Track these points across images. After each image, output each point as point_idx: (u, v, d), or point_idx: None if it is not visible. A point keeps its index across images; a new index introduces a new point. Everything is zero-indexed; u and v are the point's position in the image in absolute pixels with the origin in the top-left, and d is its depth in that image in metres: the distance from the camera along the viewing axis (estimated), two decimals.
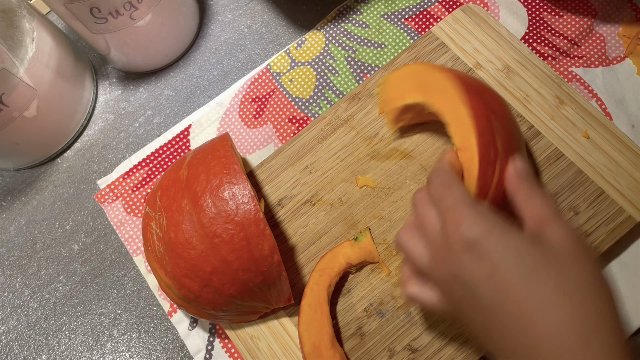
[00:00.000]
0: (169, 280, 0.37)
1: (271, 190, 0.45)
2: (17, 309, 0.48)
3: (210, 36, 0.56)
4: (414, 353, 0.39)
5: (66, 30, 0.58)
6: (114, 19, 0.45)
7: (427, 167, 0.44)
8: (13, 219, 0.51)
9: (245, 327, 0.42)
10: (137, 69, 0.55)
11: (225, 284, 0.36)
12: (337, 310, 0.41)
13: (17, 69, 0.44)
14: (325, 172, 0.45)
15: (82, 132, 0.54)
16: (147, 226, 0.39)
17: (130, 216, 0.48)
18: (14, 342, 0.47)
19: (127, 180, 0.50)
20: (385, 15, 0.53)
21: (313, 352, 0.38)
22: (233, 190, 0.36)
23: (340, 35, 0.53)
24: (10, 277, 0.49)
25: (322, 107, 0.50)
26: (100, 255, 0.49)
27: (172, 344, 0.45)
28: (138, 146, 0.52)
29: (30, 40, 0.46)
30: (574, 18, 0.50)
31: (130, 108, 0.54)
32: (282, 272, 0.37)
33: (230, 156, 0.38)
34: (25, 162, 0.52)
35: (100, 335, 0.46)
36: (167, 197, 0.38)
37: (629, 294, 0.41)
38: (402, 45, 0.52)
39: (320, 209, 0.44)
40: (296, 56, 0.52)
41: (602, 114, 0.44)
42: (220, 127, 0.51)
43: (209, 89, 0.54)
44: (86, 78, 0.54)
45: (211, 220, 0.35)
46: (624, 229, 0.40)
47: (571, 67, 0.48)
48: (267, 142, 0.50)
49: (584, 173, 0.42)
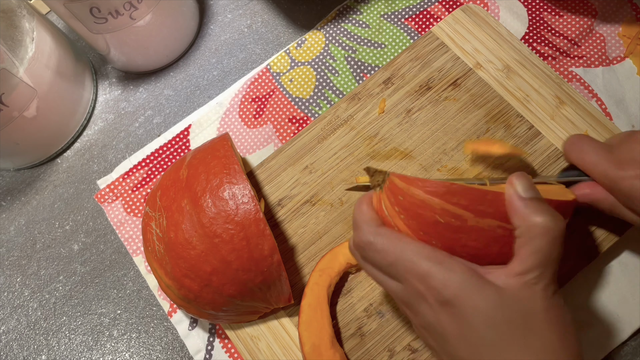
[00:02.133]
0: (169, 280, 0.37)
1: (271, 190, 0.45)
2: (17, 309, 0.48)
3: (210, 36, 0.56)
4: (414, 353, 0.39)
5: (66, 30, 0.58)
6: (113, 19, 0.45)
7: (427, 167, 0.44)
8: (13, 219, 0.51)
9: (245, 327, 0.42)
10: (137, 69, 0.55)
11: (225, 284, 0.36)
12: (337, 310, 0.41)
13: (17, 68, 0.44)
14: (325, 172, 0.45)
15: (82, 132, 0.54)
16: (147, 226, 0.39)
17: (130, 216, 0.48)
18: (13, 342, 0.47)
19: (127, 180, 0.50)
20: (385, 15, 0.53)
21: (313, 352, 0.38)
22: (233, 190, 0.36)
23: (340, 35, 0.53)
24: (10, 277, 0.49)
25: (322, 107, 0.50)
26: (100, 255, 0.49)
27: (172, 344, 0.45)
28: (138, 146, 0.52)
29: (30, 40, 0.46)
30: (574, 18, 0.50)
31: (130, 108, 0.54)
32: (282, 272, 0.37)
33: (230, 156, 0.38)
34: (25, 162, 0.52)
35: (100, 335, 0.46)
36: (167, 197, 0.38)
37: (629, 294, 0.41)
38: (402, 45, 0.52)
39: (320, 209, 0.44)
40: (296, 56, 0.52)
41: (602, 114, 0.44)
42: (220, 127, 0.51)
43: (209, 89, 0.54)
44: (86, 78, 0.54)
45: (211, 220, 0.35)
46: (624, 229, 0.40)
47: (571, 67, 0.48)
48: (267, 142, 0.50)
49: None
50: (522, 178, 0.30)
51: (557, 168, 0.43)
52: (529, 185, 0.30)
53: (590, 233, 0.41)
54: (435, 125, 0.45)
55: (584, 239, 0.41)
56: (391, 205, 0.32)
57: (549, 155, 0.43)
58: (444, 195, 0.29)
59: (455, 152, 0.44)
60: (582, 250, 0.40)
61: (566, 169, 0.41)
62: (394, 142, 0.45)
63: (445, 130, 0.45)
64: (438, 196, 0.29)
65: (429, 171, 0.44)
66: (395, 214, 0.31)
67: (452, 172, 0.44)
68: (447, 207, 0.29)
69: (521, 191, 0.29)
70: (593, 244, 0.40)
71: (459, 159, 0.44)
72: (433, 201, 0.30)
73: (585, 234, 0.41)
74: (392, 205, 0.31)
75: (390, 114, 0.46)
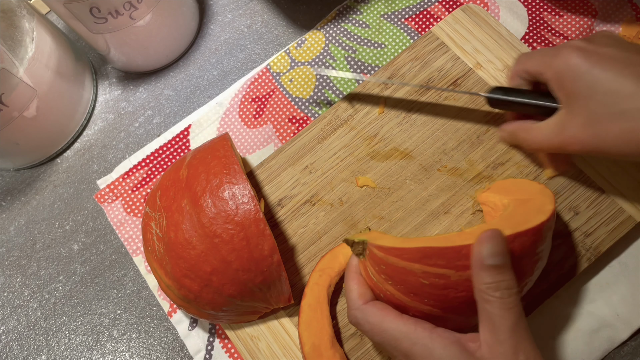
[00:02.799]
0: (169, 280, 0.37)
1: (271, 190, 0.45)
2: (17, 309, 0.48)
3: (210, 36, 0.56)
4: None
5: (66, 30, 0.58)
6: (113, 18, 0.45)
7: (427, 167, 0.44)
8: (13, 219, 0.51)
9: (245, 327, 0.42)
10: (137, 69, 0.55)
11: (225, 284, 0.36)
12: (337, 310, 0.41)
13: (17, 68, 0.44)
14: (325, 172, 0.45)
15: (81, 132, 0.54)
16: (146, 226, 0.39)
17: (130, 216, 0.48)
18: (13, 342, 0.47)
19: (127, 180, 0.50)
20: (385, 15, 0.53)
21: (313, 352, 0.38)
22: (233, 190, 0.36)
23: (340, 35, 0.53)
24: (10, 277, 0.49)
25: (322, 107, 0.50)
26: (100, 255, 0.49)
27: (172, 344, 0.45)
28: (138, 146, 0.52)
29: (30, 40, 0.46)
30: (574, 18, 0.50)
31: (130, 108, 0.54)
32: (282, 272, 0.37)
33: (230, 156, 0.38)
34: (25, 162, 0.52)
35: (100, 335, 0.46)
36: (167, 197, 0.38)
37: (629, 294, 0.41)
38: (402, 45, 0.52)
39: (320, 209, 0.44)
40: (296, 56, 0.52)
41: None
42: (220, 127, 0.51)
43: (208, 88, 0.54)
44: (86, 78, 0.54)
45: (211, 220, 0.35)
46: (624, 229, 0.40)
47: None
48: (267, 142, 0.50)
49: (584, 173, 0.42)
50: (492, 241, 0.29)
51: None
52: (496, 251, 0.29)
53: (590, 233, 0.41)
54: (435, 125, 0.45)
55: (583, 239, 0.41)
56: (377, 273, 0.33)
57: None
58: (421, 260, 0.30)
59: (455, 152, 0.44)
60: (582, 250, 0.40)
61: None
62: (394, 142, 0.45)
63: (445, 130, 0.45)
64: (416, 261, 0.30)
65: (429, 171, 0.44)
66: (383, 280, 0.32)
67: (452, 172, 0.44)
68: (428, 270, 0.30)
69: (486, 256, 0.29)
70: (593, 244, 0.40)
71: (459, 158, 0.44)
72: (413, 267, 0.30)
73: (585, 234, 0.41)
74: (379, 273, 0.32)
75: (390, 114, 0.46)
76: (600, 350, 0.40)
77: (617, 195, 0.41)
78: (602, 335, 0.40)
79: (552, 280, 0.40)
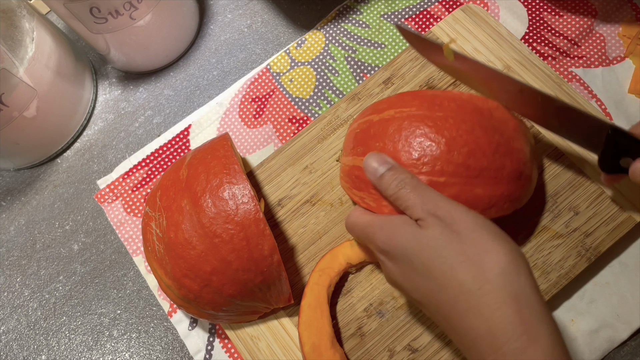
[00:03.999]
0: (169, 280, 0.37)
1: (271, 190, 0.45)
2: (17, 309, 0.48)
3: (210, 36, 0.56)
4: (414, 353, 0.39)
5: (66, 30, 0.58)
6: (113, 18, 0.45)
7: None
8: (13, 219, 0.51)
9: (245, 327, 0.42)
10: (137, 69, 0.55)
11: (225, 284, 0.36)
12: (337, 310, 0.41)
13: (17, 68, 0.44)
14: (325, 172, 0.45)
15: (81, 132, 0.54)
16: (147, 226, 0.39)
17: (130, 216, 0.48)
18: (13, 342, 0.47)
19: (127, 180, 0.50)
20: (385, 15, 0.53)
21: (313, 352, 0.38)
22: (233, 190, 0.36)
23: (340, 35, 0.53)
24: (10, 277, 0.49)
25: (322, 107, 0.50)
26: (100, 255, 0.49)
27: (172, 344, 0.45)
28: (138, 146, 0.52)
29: (30, 40, 0.46)
30: (574, 18, 0.50)
31: (130, 108, 0.54)
32: (282, 272, 0.37)
33: (230, 156, 0.38)
34: (25, 162, 0.52)
35: (100, 335, 0.46)
36: (167, 197, 0.38)
37: (629, 294, 0.41)
38: (402, 45, 0.52)
39: (320, 209, 0.44)
40: (296, 56, 0.52)
41: (602, 114, 0.44)
42: (220, 127, 0.51)
43: (208, 88, 0.54)
44: (86, 78, 0.54)
45: (211, 220, 0.35)
46: (624, 229, 0.40)
47: (571, 67, 0.48)
48: (267, 142, 0.50)
49: (584, 173, 0.42)
50: (373, 155, 0.35)
51: (557, 168, 0.43)
52: (381, 160, 0.34)
53: (590, 233, 0.41)
54: None
55: (583, 239, 0.41)
56: (356, 190, 0.37)
57: (550, 155, 0.43)
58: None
59: None
60: (582, 250, 0.40)
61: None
62: None
63: None
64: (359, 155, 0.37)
65: None
66: (358, 199, 0.37)
67: None
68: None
69: (378, 167, 0.34)
70: (593, 244, 0.40)
71: None
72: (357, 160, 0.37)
73: (585, 234, 0.41)
74: (355, 189, 0.37)
75: None
76: (600, 350, 0.40)
77: (617, 195, 0.41)
78: (602, 335, 0.40)
79: (552, 280, 0.40)
